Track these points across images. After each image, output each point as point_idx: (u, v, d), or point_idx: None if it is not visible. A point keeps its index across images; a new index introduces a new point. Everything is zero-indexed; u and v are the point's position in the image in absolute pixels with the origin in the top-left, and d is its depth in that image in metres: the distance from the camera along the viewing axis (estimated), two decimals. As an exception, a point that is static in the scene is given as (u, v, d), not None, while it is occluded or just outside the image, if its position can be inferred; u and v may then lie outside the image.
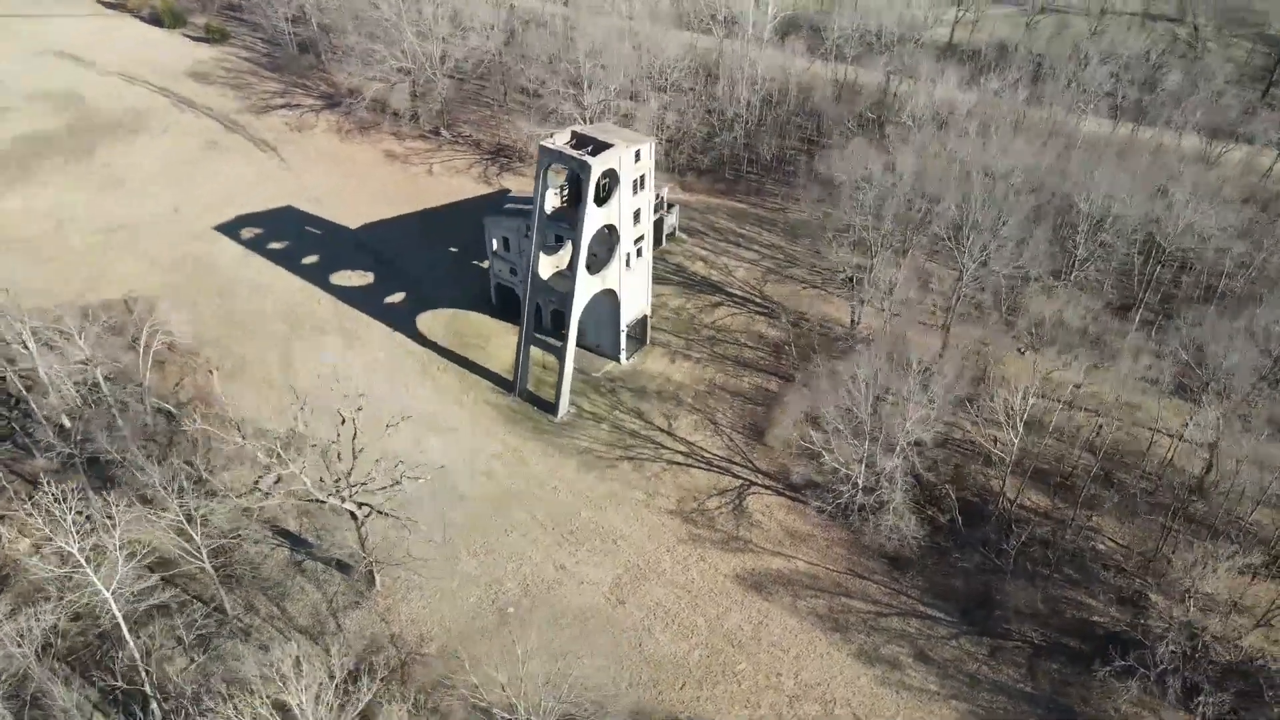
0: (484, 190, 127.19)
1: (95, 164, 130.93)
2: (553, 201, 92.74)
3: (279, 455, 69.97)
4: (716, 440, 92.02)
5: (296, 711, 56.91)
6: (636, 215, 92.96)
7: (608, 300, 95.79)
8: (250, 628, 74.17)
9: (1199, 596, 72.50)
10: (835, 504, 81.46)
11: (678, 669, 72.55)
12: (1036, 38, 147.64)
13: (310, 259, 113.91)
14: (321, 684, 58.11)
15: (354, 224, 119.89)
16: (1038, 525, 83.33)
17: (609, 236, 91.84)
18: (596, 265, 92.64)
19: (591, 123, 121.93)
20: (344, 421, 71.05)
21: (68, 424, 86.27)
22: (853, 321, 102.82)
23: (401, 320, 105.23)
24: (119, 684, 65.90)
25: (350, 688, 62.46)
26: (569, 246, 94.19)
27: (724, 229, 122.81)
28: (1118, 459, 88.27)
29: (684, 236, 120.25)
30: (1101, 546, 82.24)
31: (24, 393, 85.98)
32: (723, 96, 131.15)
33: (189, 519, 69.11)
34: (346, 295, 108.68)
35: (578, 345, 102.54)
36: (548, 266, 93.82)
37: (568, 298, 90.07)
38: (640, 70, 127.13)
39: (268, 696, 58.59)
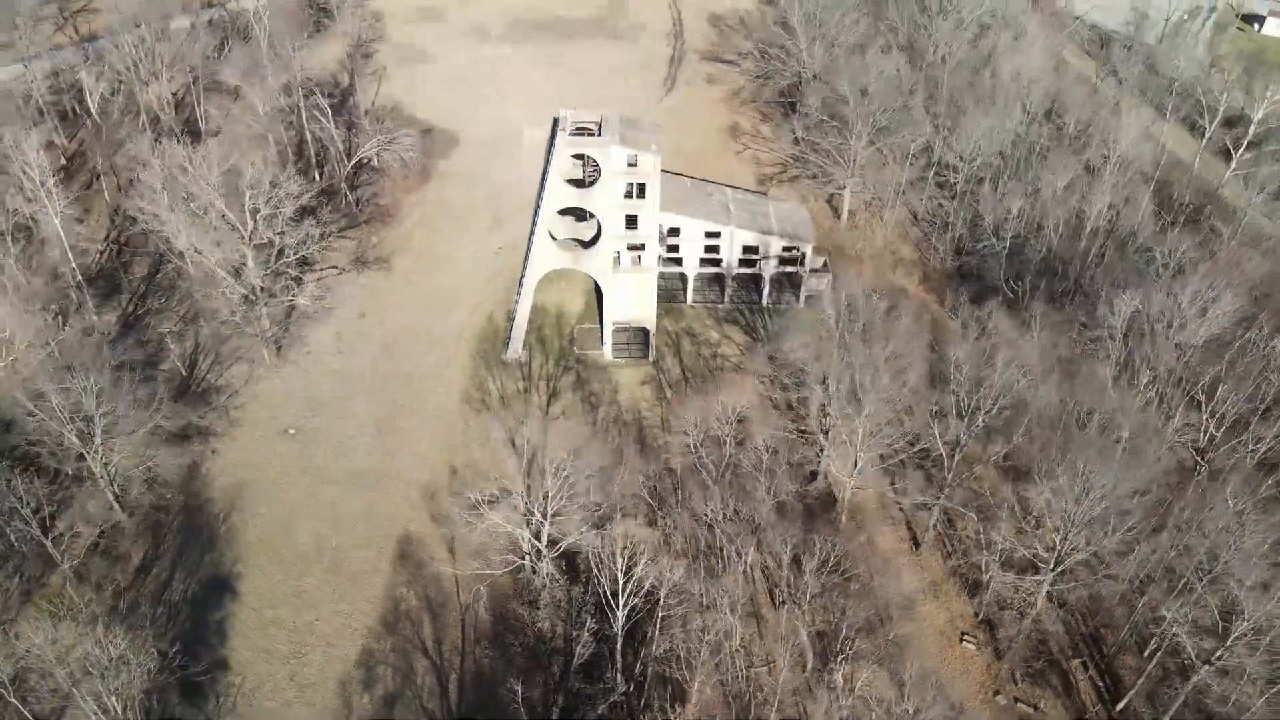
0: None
1: (561, 50, 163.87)
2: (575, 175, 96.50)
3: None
4: (562, 452, 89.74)
5: None
6: (632, 220, 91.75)
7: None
8: (200, 344, 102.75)
9: None
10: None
11: (314, 550, 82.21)
12: None
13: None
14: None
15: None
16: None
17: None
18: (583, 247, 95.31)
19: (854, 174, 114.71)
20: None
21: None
22: (814, 475, 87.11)
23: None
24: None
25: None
26: (594, 221, 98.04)
27: (886, 327, 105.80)
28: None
29: (829, 311, 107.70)
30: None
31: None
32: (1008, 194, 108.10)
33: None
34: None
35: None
36: (563, 229, 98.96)
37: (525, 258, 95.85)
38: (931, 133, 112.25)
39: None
